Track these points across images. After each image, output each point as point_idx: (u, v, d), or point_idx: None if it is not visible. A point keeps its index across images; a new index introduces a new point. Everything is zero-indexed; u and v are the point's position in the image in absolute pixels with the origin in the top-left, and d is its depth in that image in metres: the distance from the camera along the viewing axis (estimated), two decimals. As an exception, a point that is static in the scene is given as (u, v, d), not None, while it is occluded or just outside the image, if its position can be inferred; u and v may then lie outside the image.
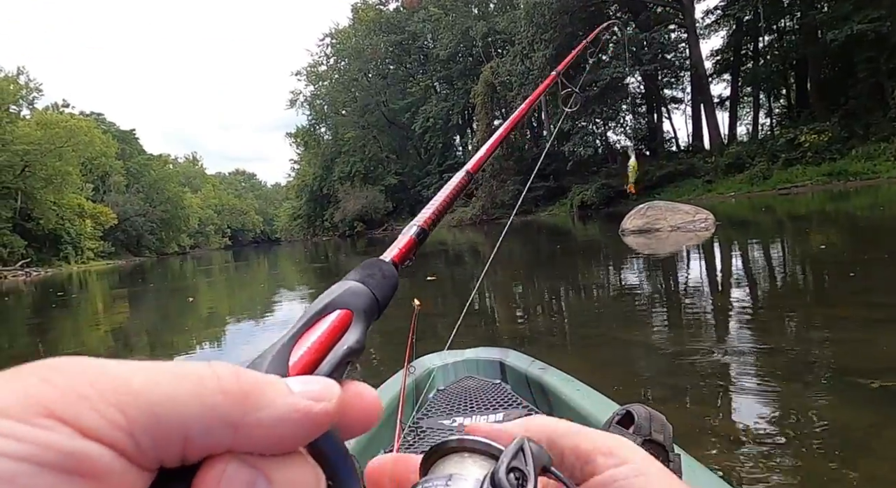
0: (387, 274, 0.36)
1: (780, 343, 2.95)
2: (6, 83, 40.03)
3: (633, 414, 0.89)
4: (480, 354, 1.82)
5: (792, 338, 3.06)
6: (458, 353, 1.84)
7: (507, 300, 5.61)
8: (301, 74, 54.42)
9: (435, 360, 1.81)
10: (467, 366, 1.78)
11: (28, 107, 43.81)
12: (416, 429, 1.38)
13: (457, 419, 1.41)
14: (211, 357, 4.78)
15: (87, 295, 14.44)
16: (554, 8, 25.01)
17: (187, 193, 74.39)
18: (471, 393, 1.57)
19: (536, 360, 1.66)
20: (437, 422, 1.40)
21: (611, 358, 3.06)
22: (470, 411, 1.46)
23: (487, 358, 1.79)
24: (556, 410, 1.41)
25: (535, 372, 1.56)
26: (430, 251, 16.00)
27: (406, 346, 1.60)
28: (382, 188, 45.52)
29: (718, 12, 30.05)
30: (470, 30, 39.00)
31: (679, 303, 4.31)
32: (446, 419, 1.42)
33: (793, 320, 3.44)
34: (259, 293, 10.05)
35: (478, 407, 1.48)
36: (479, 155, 0.72)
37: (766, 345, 2.92)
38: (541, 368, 1.59)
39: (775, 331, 3.21)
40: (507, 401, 1.50)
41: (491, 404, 1.49)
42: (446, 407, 1.51)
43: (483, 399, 1.53)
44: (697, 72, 28.50)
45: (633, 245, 9.44)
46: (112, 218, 48.74)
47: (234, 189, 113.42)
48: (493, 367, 1.75)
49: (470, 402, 1.51)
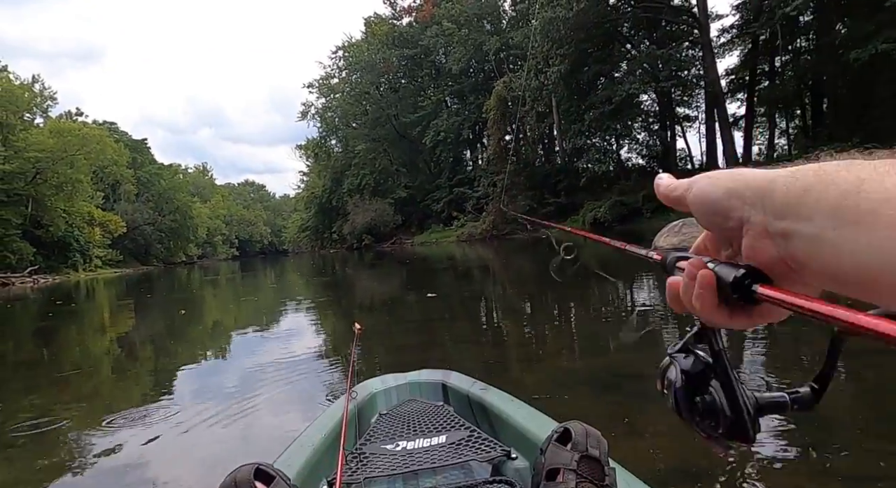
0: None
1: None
2: (21, 91, 40.30)
3: (570, 432, 0.96)
4: (423, 376, 1.82)
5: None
6: (400, 376, 1.84)
7: (551, 334, 5.23)
8: (313, 86, 54.59)
9: (377, 384, 1.80)
10: (410, 388, 1.78)
11: (42, 115, 44.05)
12: (359, 455, 1.35)
13: (400, 443, 1.39)
14: (212, 369, 4.37)
15: (87, 305, 14.16)
16: (570, 23, 24.83)
17: (196, 203, 74.57)
18: (413, 417, 1.56)
19: (478, 381, 1.67)
20: (381, 447, 1.38)
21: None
22: (413, 434, 1.44)
23: (429, 380, 1.79)
24: (497, 429, 1.42)
25: (477, 393, 1.58)
26: (434, 268, 15.69)
27: (348, 371, 1.56)
28: (392, 201, 45.31)
29: (734, 31, 29.87)
30: (483, 44, 38.99)
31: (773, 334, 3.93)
32: (389, 443, 1.40)
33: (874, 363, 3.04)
34: (264, 305, 9.71)
35: (421, 431, 1.46)
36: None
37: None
38: (482, 389, 1.60)
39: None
40: (449, 423, 1.49)
41: (434, 427, 1.48)
42: (389, 432, 1.49)
43: (426, 422, 1.52)
44: (713, 90, 28.20)
45: None
46: (121, 226, 48.73)
47: (242, 199, 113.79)
48: (435, 389, 1.76)
49: (413, 426, 1.50)
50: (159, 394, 3.85)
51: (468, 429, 1.43)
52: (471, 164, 48.03)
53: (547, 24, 25.51)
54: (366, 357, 4.18)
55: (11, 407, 3.76)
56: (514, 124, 37.42)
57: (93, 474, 2.43)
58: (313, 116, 54.89)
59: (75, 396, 3.98)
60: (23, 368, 5.45)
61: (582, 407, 2.58)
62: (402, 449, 1.36)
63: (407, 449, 1.35)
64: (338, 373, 3.76)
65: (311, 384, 3.53)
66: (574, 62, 25.92)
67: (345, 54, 52.03)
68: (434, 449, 1.34)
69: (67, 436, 2.99)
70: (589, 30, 26.02)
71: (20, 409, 3.60)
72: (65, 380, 4.54)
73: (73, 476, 2.43)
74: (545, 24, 25.61)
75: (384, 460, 1.30)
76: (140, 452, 2.58)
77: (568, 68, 25.99)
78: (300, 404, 3.21)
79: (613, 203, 26.87)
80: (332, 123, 54.14)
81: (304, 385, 3.51)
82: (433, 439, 1.39)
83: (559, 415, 1.28)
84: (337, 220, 52.59)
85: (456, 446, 1.33)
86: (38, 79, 43.11)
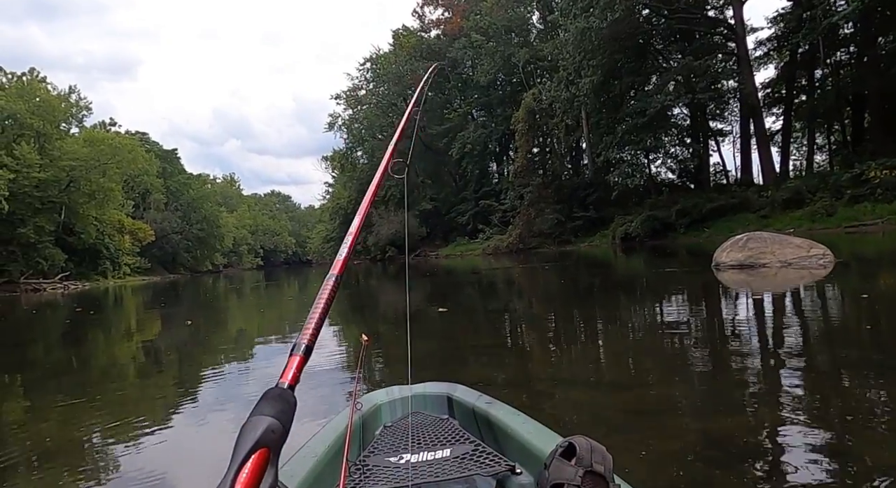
0: (291, 403, 0.45)
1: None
2: (58, 101, 41.27)
3: (575, 447, 0.93)
4: (428, 389, 1.82)
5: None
6: (405, 389, 1.82)
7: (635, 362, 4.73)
8: (340, 98, 55.02)
9: (382, 396, 1.80)
10: (415, 401, 1.76)
11: (77, 125, 45.04)
12: (363, 467, 1.34)
13: (403, 456, 1.37)
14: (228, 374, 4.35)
15: (107, 313, 14.06)
16: (603, 34, 24.40)
17: (223, 213, 75.53)
18: (418, 430, 1.55)
19: (483, 395, 1.66)
20: (384, 460, 1.37)
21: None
22: (417, 447, 1.43)
23: (435, 392, 1.79)
24: (502, 443, 1.41)
25: (482, 407, 1.57)
26: (457, 281, 15.24)
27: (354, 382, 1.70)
28: (417, 213, 45.09)
29: (772, 43, 29.12)
30: (512, 56, 38.77)
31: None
32: (393, 456, 1.39)
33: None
34: (286, 315, 9.38)
35: (425, 444, 1.45)
36: (342, 255, 0.79)
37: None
38: (487, 402, 1.59)
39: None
40: (454, 437, 1.47)
41: (438, 440, 1.47)
42: (393, 445, 1.48)
43: (430, 435, 1.51)
44: (749, 102, 27.44)
45: (735, 283, 7.87)
46: (150, 234, 49.42)
47: (268, 210, 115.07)
48: (440, 402, 1.75)
49: (417, 439, 1.49)
50: (162, 402, 3.90)
51: (473, 443, 1.41)
52: (497, 177, 47.70)
53: (580, 34, 25.15)
54: (372, 368, 4.13)
55: (10, 411, 3.49)
56: (541, 137, 37.02)
57: (98, 477, 2.42)
58: (340, 127, 55.31)
59: (90, 402, 3.67)
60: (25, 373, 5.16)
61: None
62: (406, 461, 1.34)
63: (411, 463, 1.33)
64: (344, 384, 3.75)
65: (318, 394, 3.48)
66: (606, 73, 25.46)
67: (373, 66, 52.39)
68: (438, 462, 1.31)
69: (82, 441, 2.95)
70: (622, 40, 25.56)
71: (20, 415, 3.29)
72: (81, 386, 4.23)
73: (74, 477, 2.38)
74: (578, 34, 25.26)
75: (388, 472, 1.29)
76: (133, 459, 2.60)
77: (600, 79, 25.54)
78: (304, 414, 2.83)
79: (646, 218, 26.20)
80: (359, 134, 54.42)
81: (310, 395, 3.39)
82: (437, 452, 1.38)
83: (566, 430, 1.23)
84: (361, 232, 52.30)
85: (460, 460, 1.31)
86: (75, 89, 44.02)
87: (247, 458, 0.37)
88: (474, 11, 42.62)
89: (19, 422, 3.63)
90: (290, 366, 0.52)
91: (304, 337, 0.58)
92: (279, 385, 0.51)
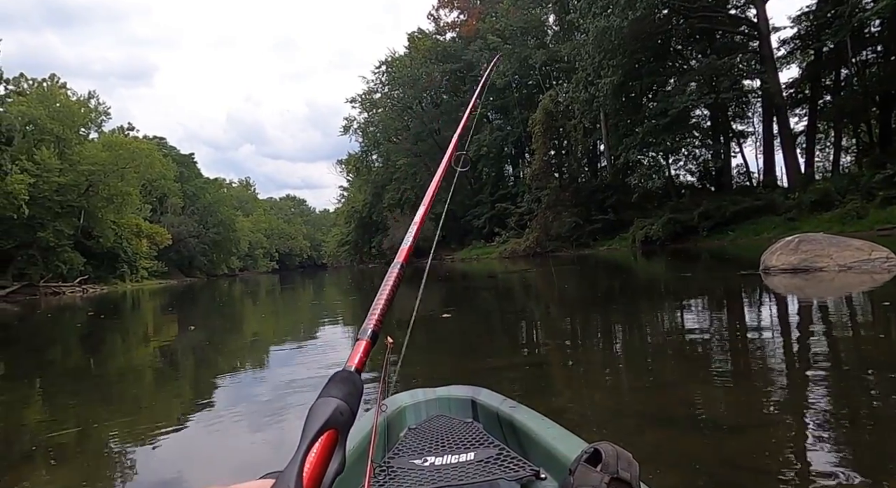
0: (358, 386, 0.45)
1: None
2: (77, 106, 41.68)
3: (600, 453, 0.90)
4: (452, 392, 1.81)
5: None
6: (429, 391, 1.82)
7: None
8: (356, 101, 55.00)
9: (406, 398, 1.79)
10: (439, 404, 1.76)
11: (96, 130, 45.42)
12: (388, 469, 1.35)
13: (428, 458, 1.38)
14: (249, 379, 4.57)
15: (119, 318, 13.94)
16: (624, 33, 23.92)
17: (239, 217, 75.88)
18: (442, 433, 1.55)
19: (508, 399, 1.63)
20: (409, 462, 1.37)
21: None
22: (441, 450, 1.43)
23: (459, 396, 1.78)
24: (527, 448, 1.40)
25: (507, 411, 1.55)
26: (472, 285, 14.87)
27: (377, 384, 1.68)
28: (432, 216, 44.13)
29: (795, 42, 28.42)
30: (529, 58, 38.41)
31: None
32: (417, 458, 1.39)
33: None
34: (304, 318, 9.12)
35: (449, 447, 1.45)
36: (406, 244, 0.79)
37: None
38: (512, 407, 1.57)
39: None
40: (478, 441, 1.47)
41: (462, 443, 1.47)
42: (417, 447, 1.48)
43: (454, 438, 1.51)
44: (774, 102, 26.76)
45: (787, 289, 7.21)
46: (167, 238, 49.68)
47: (284, 214, 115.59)
48: (464, 406, 1.74)
49: (441, 441, 1.49)
50: (191, 402, 3.96)
51: (497, 447, 1.41)
52: (513, 180, 47.33)
53: (600, 33, 24.69)
54: (388, 371, 3.95)
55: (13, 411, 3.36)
56: (560, 139, 36.59)
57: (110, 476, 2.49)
58: (355, 131, 55.31)
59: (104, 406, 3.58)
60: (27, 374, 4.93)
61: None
62: (431, 464, 1.34)
63: (435, 465, 1.33)
64: (367, 385, 3.48)
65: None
66: (626, 74, 24.94)
67: (388, 69, 52.31)
68: (462, 465, 1.31)
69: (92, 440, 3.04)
70: (643, 40, 25.05)
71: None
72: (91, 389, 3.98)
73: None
74: (598, 33, 24.80)
75: (412, 475, 1.29)
76: (166, 456, 2.68)
77: (620, 80, 25.03)
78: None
79: (667, 221, 25.62)
80: (374, 138, 54.38)
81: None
82: (462, 456, 1.37)
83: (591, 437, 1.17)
84: (377, 235, 52.46)
85: (484, 464, 1.30)
86: (94, 95, 44.43)
87: (316, 438, 0.38)
88: (490, 14, 42.39)
89: (38, 422, 3.67)
90: (356, 350, 0.54)
91: (370, 322, 0.60)
92: (346, 368, 0.52)
